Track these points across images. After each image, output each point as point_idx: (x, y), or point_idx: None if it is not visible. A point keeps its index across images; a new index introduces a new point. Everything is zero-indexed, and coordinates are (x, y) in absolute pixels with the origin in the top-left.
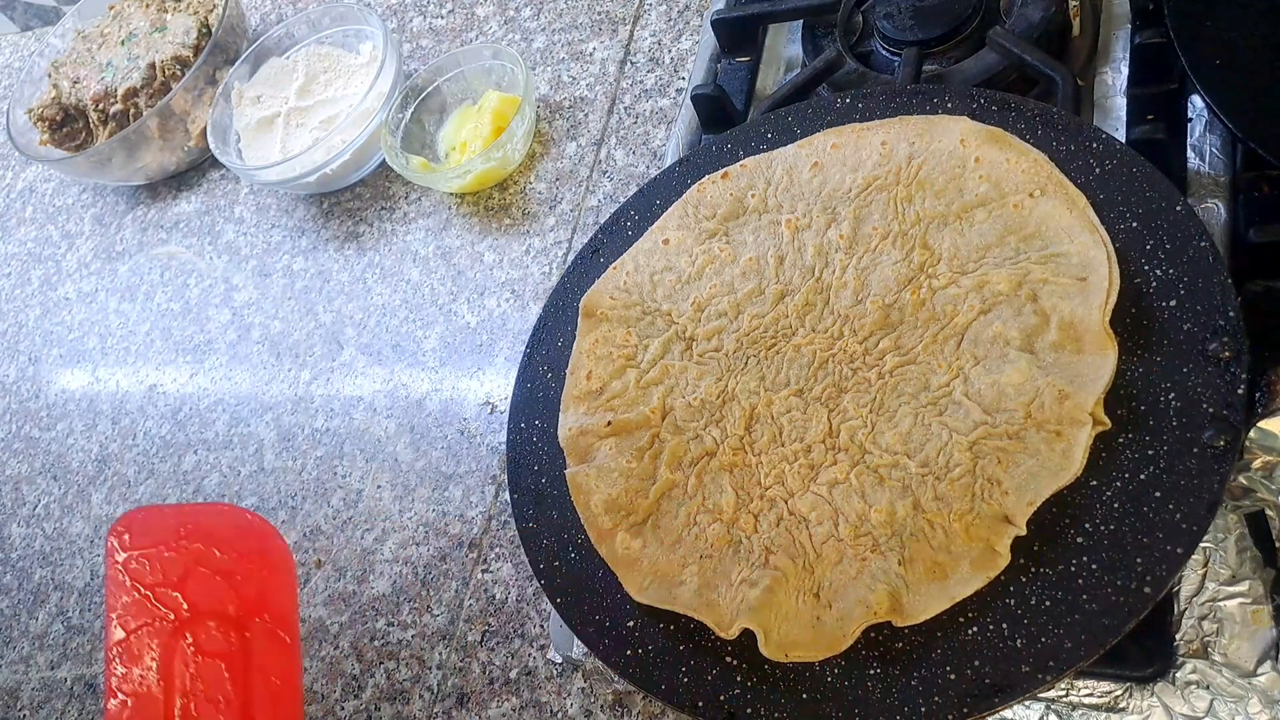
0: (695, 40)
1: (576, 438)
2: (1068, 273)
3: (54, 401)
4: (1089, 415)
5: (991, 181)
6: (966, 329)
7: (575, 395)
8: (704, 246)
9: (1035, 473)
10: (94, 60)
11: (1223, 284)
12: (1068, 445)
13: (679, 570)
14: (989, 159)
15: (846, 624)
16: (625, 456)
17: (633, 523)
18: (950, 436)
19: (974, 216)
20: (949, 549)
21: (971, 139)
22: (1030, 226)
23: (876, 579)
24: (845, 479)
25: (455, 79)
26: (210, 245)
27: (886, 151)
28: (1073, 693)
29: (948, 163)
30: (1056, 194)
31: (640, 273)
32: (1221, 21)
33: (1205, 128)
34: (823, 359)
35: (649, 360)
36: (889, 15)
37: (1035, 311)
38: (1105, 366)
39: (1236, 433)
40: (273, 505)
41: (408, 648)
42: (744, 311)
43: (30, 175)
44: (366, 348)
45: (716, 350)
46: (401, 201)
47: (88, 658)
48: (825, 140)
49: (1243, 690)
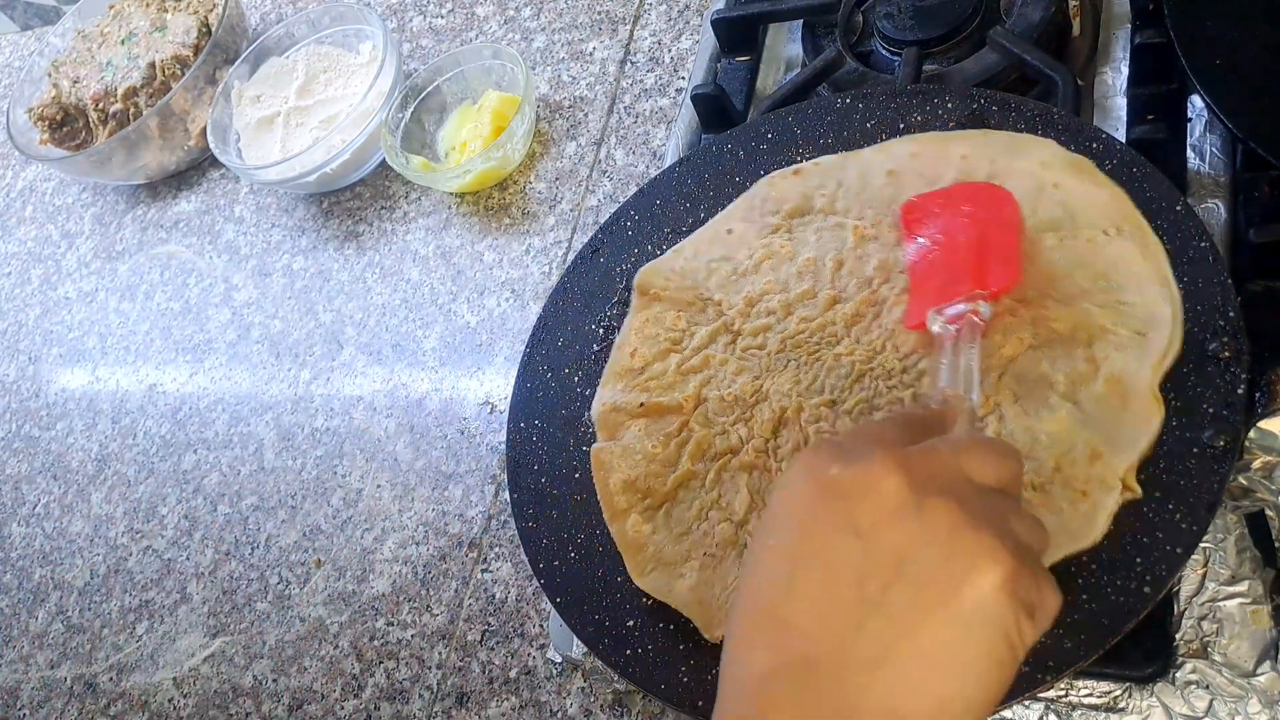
0: (695, 40)
1: (609, 413)
2: (1129, 324)
3: (54, 401)
4: (1119, 480)
5: (1067, 209)
6: (1012, 362)
7: (616, 371)
8: (765, 241)
9: (1053, 532)
10: (94, 60)
11: (1223, 284)
12: (1091, 509)
13: (681, 562)
14: (1068, 186)
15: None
16: (652, 440)
17: (647, 506)
18: None
19: (1043, 241)
20: None
21: (1054, 163)
22: (1100, 265)
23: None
24: None
25: (455, 79)
26: (210, 245)
27: (967, 167)
28: (1072, 693)
29: (1025, 182)
30: (1133, 236)
31: (698, 259)
32: (1221, 21)
33: (1205, 128)
34: (861, 371)
35: (693, 347)
36: (889, 15)
37: (1086, 359)
38: (1147, 431)
39: (1236, 433)
40: (272, 505)
41: (407, 647)
42: (793, 313)
43: (30, 174)
44: (366, 347)
45: (760, 348)
46: (401, 201)
47: (87, 657)
48: (904, 147)
49: (1242, 690)
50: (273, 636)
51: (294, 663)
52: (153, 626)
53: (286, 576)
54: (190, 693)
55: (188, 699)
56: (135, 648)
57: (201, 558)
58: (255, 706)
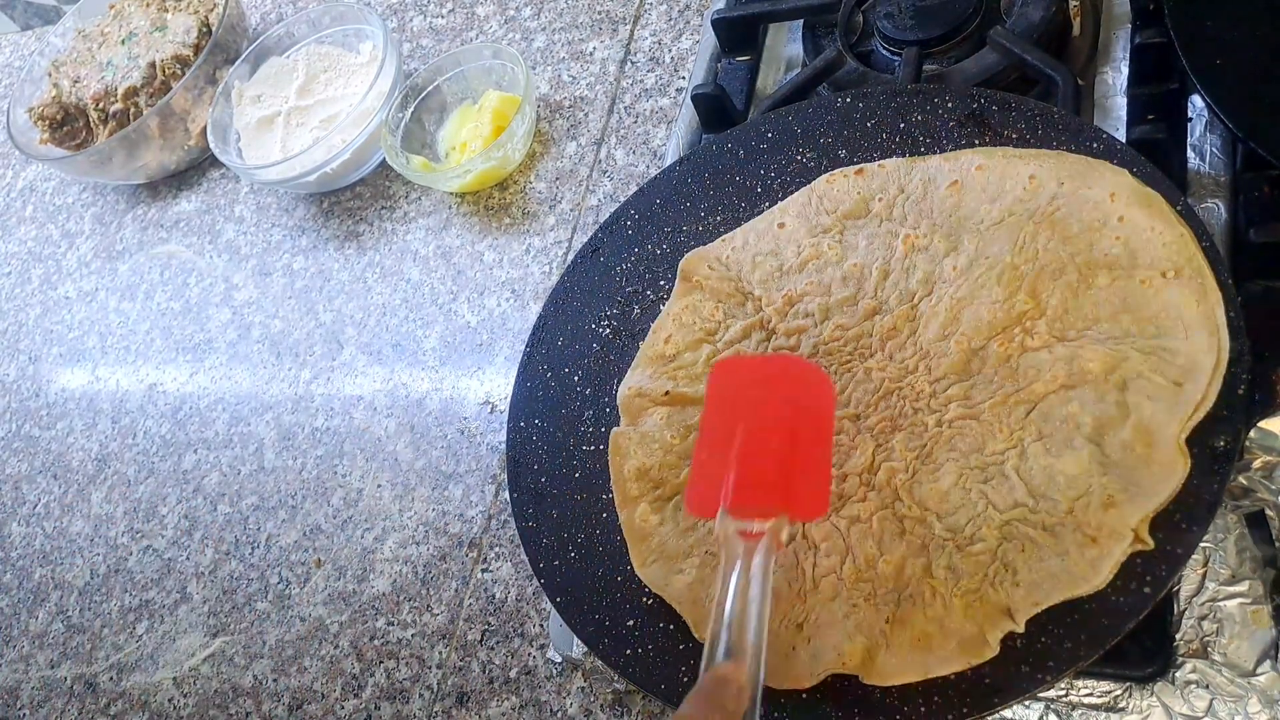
0: (695, 40)
1: (633, 398)
2: (1167, 372)
3: (54, 400)
4: (1130, 531)
5: (1127, 247)
6: (1042, 399)
7: (648, 356)
8: (814, 240)
9: (1056, 574)
10: (94, 59)
11: (1224, 285)
12: (1098, 556)
13: (683, 558)
14: (1133, 221)
15: (816, 664)
16: (671, 430)
17: (658, 497)
18: (985, 509)
19: (1095, 279)
20: (942, 623)
21: (1122, 196)
22: (1150, 309)
23: (860, 629)
24: (868, 519)
25: (455, 78)
26: (210, 244)
27: (1034, 187)
28: (1072, 692)
29: (1089, 212)
30: (1190, 280)
31: (745, 250)
32: (1221, 21)
33: (1205, 128)
34: (889, 389)
35: (726, 340)
36: (889, 15)
37: (1117, 403)
38: (1167, 484)
39: (1236, 434)
40: (273, 504)
41: (407, 647)
42: (831, 318)
43: (30, 174)
44: (366, 347)
45: (792, 350)
46: (401, 201)
47: (88, 657)
48: (971, 159)
49: (1242, 690)
50: (273, 636)
51: (294, 662)
52: (153, 626)
53: (287, 576)
54: (190, 692)
55: (188, 699)
56: (135, 647)
57: (202, 557)
58: (255, 706)
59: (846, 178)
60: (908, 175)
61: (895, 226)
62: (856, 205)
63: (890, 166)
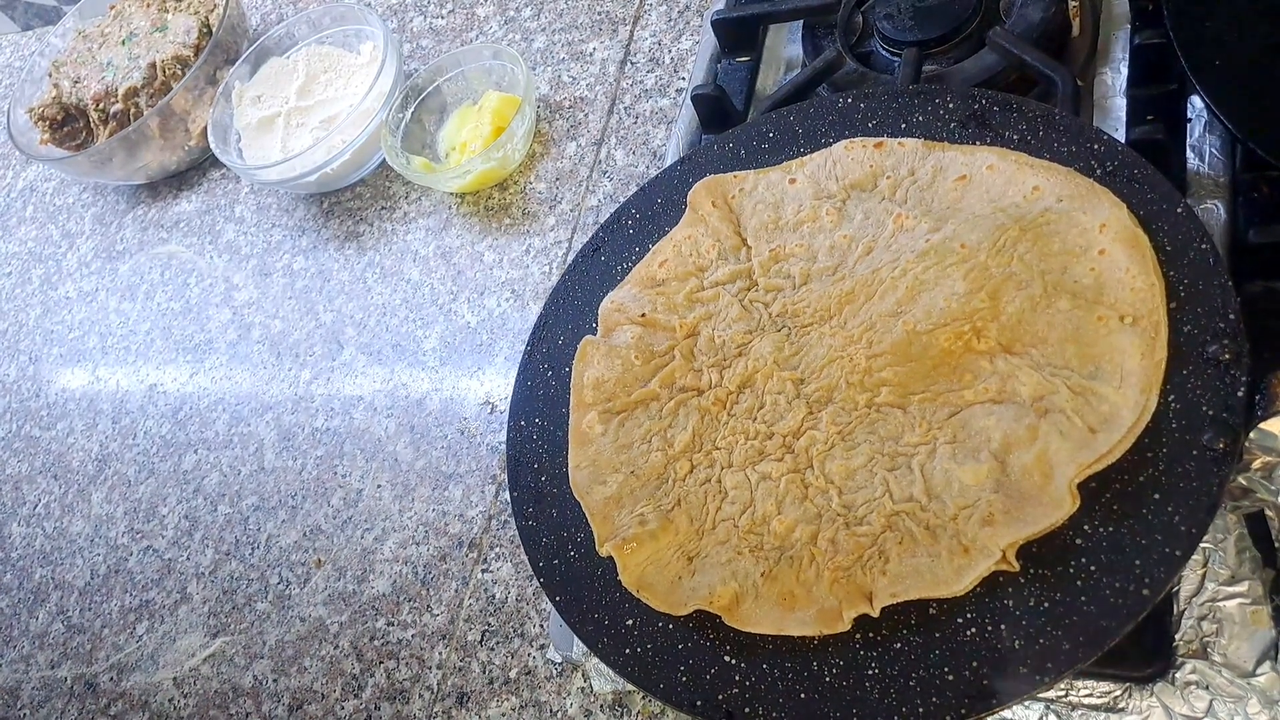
0: (695, 40)
1: (613, 311)
2: (1087, 416)
3: (54, 401)
4: (1000, 550)
5: (1098, 280)
6: (967, 406)
7: (640, 275)
8: (815, 203)
9: (921, 572)
10: (95, 60)
11: (1223, 286)
12: (964, 566)
13: (610, 472)
14: (1113, 257)
15: (692, 597)
16: (636, 350)
17: (607, 409)
18: (882, 495)
19: (1058, 301)
20: (809, 589)
21: (1112, 229)
22: (1097, 348)
23: (735, 576)
24: (778, 479)
25: (455, 79)
26: (210, 245)
27: (1034, 197)
28: (1072, 693)
29: (1075, 236)
30: (1144, 332)
31: (751, 195)
32: (1221, 21)
33: (1205, 128)
34: (832, 358)
35: (713, 281)
36: (889, 15)
37: (1030, 427)
38: (1047, 518)
39: (1236, 435)
40: (273, 505)
41: (408, 647)
42: (809, 283)
43: (31, 174)
44: (367, 347)
45: (765, 304)
46: (401, 201)
47: (88, 657)
48: (986, 157)
49: (1242, 690)
50: (273, 636)
51: (294, 663)
52: (153, 626)
53: (287, 576)
54: (190, 693)
55: (188, 699)
56: (135, 648)
57: (202, 558)
58: (255, 706)
59: (865, 148)
60: (922, 160)
61: (894, 208)
62: (865, 178)
63: (909, 147)
